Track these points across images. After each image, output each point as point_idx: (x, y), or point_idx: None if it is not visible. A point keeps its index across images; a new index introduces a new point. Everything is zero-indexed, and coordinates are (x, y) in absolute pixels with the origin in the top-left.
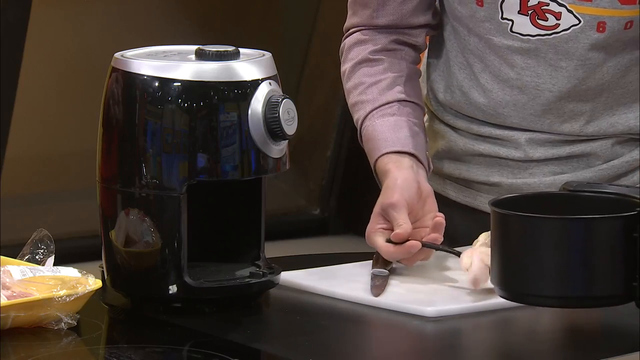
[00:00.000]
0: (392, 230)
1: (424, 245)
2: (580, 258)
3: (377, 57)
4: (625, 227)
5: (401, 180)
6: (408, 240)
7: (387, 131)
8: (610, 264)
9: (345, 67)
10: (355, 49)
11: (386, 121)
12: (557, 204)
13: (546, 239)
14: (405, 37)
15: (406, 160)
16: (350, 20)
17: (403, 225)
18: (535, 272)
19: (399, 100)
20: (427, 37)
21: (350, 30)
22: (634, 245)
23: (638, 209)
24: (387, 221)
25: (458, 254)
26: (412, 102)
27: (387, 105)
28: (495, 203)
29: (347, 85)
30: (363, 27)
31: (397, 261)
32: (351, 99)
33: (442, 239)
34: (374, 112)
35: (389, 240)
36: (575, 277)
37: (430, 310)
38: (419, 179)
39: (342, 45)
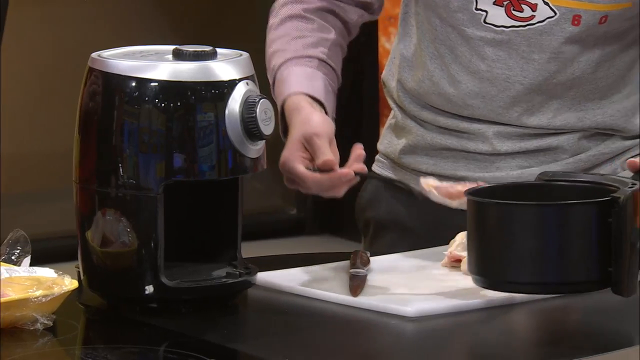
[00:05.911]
0: (312, 160)
1: (356, 173)
2: (555, 244)
3: (309, 16)
4: (600, 212)
5: (320, 117)
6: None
7: (304, 78)
8: (585, 250)
9: (274, 20)
10: (288, 6)
11: (303, 70)
12: (533, 193)
13: (521, 225)
14: (338, 9)
15: (317, 107)
16: None
17: (329, 154)
18: (512, 259)
19: (320, 59)
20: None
21: None
22: (608, 231)
23: (611, 195)
24: (306, 151)
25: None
26: (331, 66)
27: (307, 59)
28: (472, 192)
29: (272, 35)
30: None
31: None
32: (273, 48)
33: (366, 170)
34: (293, 60)
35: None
36: (551, 263)
37: (410, 309)
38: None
39: (275, 3)
